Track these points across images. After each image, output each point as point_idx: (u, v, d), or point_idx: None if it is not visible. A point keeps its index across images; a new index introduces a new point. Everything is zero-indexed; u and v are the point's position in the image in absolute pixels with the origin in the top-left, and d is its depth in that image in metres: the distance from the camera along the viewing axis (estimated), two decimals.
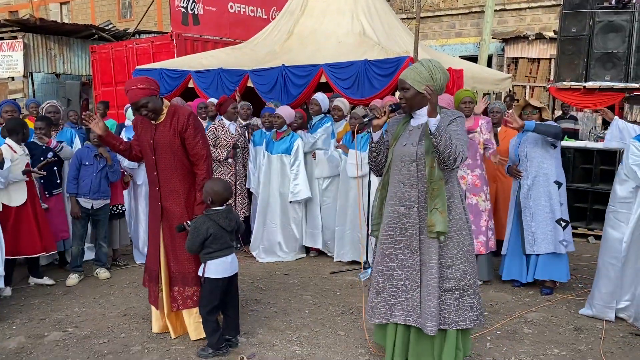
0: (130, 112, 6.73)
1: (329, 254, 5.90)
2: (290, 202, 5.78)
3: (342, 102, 6.06)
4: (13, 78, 13.39)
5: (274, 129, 5.87)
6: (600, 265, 4.22)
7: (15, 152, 4.66)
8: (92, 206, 5.08)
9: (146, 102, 3.51)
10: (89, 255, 5.52)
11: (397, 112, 3.25)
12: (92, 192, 5.02)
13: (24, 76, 13.03)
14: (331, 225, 5.78)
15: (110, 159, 5.06)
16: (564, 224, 4.71)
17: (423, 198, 3.09)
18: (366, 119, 3.25)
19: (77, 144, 5.66)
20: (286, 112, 5.83)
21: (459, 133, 3.05)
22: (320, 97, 6.01)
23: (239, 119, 6.41)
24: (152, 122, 3.65)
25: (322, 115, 6.00)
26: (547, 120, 4.81)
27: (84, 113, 3.75)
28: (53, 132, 5.58)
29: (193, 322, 3.73)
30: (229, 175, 5.98)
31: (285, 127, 5.81)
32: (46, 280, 5.01)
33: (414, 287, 3.14)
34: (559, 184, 4.74)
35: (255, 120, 6.74)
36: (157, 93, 3.59)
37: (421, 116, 3.14)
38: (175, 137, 3.58)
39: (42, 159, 5.02)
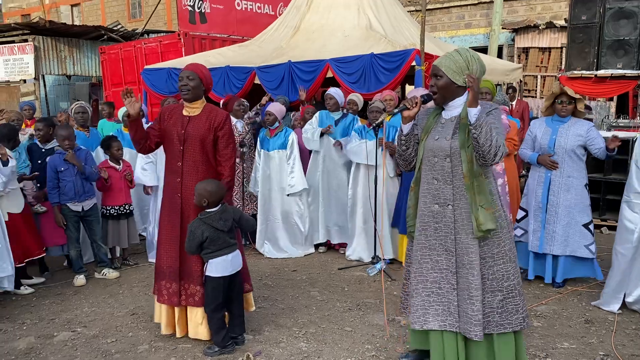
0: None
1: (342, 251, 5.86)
2: (288, 195, 5.78)
3: (357, 97, 6.06)
4: (25, 81, 13.53)
5: (267, 127, 5.88)
6: (613, 255, 4.18)
7: (13, 158, 4.68)
8: (82, 208, 5.06)
9: (193, 77, 3.59)
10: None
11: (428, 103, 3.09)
12: (77, 194, 4.97)
13: (35, 79, 13.15)
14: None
15: (81, 165, 4.93)
16: (591, 227, 4.63)
17: (458, 195, 2.90)
18: (397, 110, 3.07)
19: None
20: (277, 108, 5.89)
21: (497, 126, 2.84)
22: (334, 90, 5.99)
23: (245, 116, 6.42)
24: (185, 114, 3.67)
25: (341, 113, 5.94)
26: (582, 112, 4.60)
27: (122, 88, 3.72)
28: (86, 131, 5.79)
29: (193, 321, 3.72)
30: (236, 172, 5.99)
31: (277, 124, 5.83)
32: (34, 280, 5.00)
33: (449, 289, 2.93)
34: (587, 187, 4.66)
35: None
36: (205, 85, 3.66)
37: (454, 108, 2.96)
38: (210, 132, 3.62)
39: (39, 162, 5.04)
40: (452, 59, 2.88)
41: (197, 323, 3.69)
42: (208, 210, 3.47)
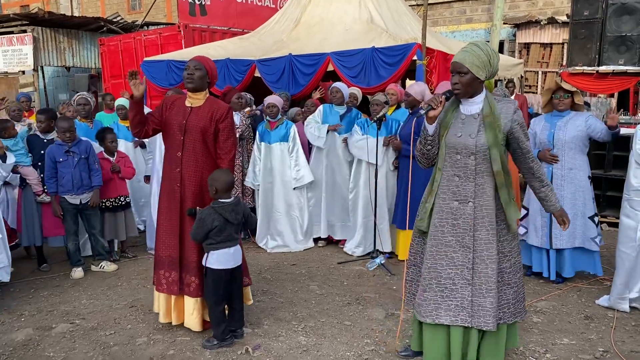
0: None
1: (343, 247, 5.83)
2: (295, 188, 5.75)
3: (357, 91, 6.03)
4: (24, 72, 13.46)
5: (267, 119, 5.84)
6: (617, 256, 4.11)
7: (12, 155, 4.65)
8: (80, 201, 5.00)
9: (200, 67, 3.61)
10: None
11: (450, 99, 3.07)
12: (75, 187, 4.92)
13: (34, 70, 13.07)
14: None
15: (97, 198, 4.96)
16: (596, 219, 4.61)
17: (480, 192, 2.92)
18: (423, 111, 2.98)
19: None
20: (278, 99, 5.88)
21: (525, 131, 2.98)
22: (341, 85, 5.96)
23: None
24: (188, 105, 3.66)
25: (345, 107, 5.89)
26: (580, 104, 4.59)
27: (130, 70, 3.66)
28: (89, 122, 5.73)
29: (186, 310, 3.71)
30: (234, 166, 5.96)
31: (279, 116, 5.80)
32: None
33: (464, 285, 2.96)
34: (590, 179, 4.63)
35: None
36: (210, 77, 3.66)
37: (474, 103, 2.95)
38: (212, 124, 3.60)
39: (42, 152, 5.02)
40: (475, 54, 2.85)
41: (189, 313, 3.69)
42: (222, 200, 3.45)
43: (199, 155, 3.62)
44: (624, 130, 6.70)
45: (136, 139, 5.82)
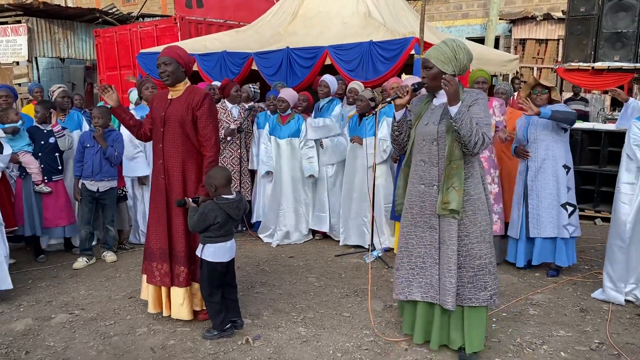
0: (133, 94, 6.70)
1: (334, 238, 5.88)
2: (308, 176, 5.77)
3: (358, 85, 6.02)
4: (18, 63, 13.34)
5: (278, 113, 5.83)
6: (608, 247, 4.18)
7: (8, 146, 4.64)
8: (97, 189, 5.06)
9: (169, 62, 3.59)
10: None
11: (419, 91, 3.27)
12: (94, 173, 5.00)
13: (28, 61, 12.96)
14: (337, 208, 5.76)
15: (105, 144, 4.99)
16: (570, 208, 4.65)
17: (443, 177, 3.09)
18: (389, 99, 3.26)
19: (86, 127, 5.69)
20: (290, 94, 5.80)
21: (481, 116, 3.05)
22: (330, 78, 5.95)
23: (242, 102, 6.38)
24: (169, 97, 3.69)
25: (330, 97, 5.92)
26: (556, 100, 4.71)
27: (100, 84, 3.78)
28: (61, 116, 5.58)
29: (175, 301, 3.73)
30: (231, 158, 5.96)
31: (289, 111, 5.78)
32: None
33: (432, 264, 3.19)
34: (567, 168, 4.68)
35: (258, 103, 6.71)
36: (184, 67, 3.66)
37: (444, 95, 3.13)
38: (188, 112, 3.61)
39: (42, 142, 5.03)
40: (440, 50, 3.09)
41: (179, 304, 3.72)
42: (225, 196, 3.46)
43: (179, 145, 3.64)
44: (616, 127, 6.77)
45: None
